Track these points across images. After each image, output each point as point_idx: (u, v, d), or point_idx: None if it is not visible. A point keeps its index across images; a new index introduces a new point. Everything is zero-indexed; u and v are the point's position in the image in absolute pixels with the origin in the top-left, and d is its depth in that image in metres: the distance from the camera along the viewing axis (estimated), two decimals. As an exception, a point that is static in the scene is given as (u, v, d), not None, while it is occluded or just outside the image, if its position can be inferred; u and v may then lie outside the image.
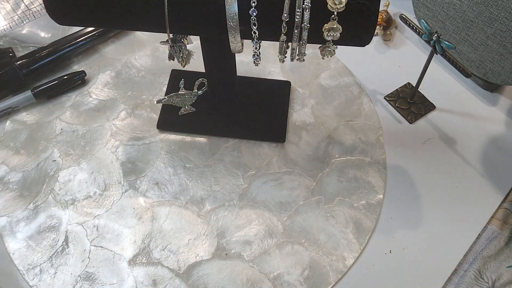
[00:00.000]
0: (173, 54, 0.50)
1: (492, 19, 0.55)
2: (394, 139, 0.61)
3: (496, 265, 0.51)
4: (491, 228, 0.54)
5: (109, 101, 0.65)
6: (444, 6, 0.60)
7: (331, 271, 0.51)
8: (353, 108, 0.64)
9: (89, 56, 0.70)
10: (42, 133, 0.62)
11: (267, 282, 0.51)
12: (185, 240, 0.53)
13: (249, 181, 0.58)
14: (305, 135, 0.61)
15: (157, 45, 0.71)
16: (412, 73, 0.67)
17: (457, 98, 0.65)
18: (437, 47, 0.54)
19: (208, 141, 0.61)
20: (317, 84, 0.66)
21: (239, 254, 0.53)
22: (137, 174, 0.58)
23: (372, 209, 0.55)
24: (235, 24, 0.42)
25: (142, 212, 0.55)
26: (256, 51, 0.46)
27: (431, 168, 0.59)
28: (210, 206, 0.56)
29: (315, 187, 0.57)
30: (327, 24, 0.41)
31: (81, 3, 0.44)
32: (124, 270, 0.52)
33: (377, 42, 0.71)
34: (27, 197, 0.57)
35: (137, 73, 0.68)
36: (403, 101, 0.64)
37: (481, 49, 0.59)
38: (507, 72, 0.58)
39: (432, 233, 0.54)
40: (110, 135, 0.62)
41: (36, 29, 0.71)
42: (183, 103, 0.60)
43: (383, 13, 0.70)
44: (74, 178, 0.58)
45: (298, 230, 0.54)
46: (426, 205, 0.56)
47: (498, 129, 0.62)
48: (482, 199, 0.56)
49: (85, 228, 0.54)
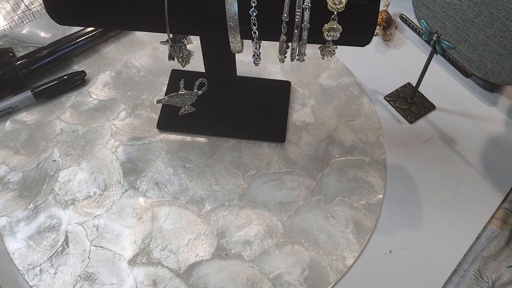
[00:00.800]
0: (173, 54, 0.50)
1: (492, 19, 0.55)
2: (394, 139, 0.61)
3: (496, 265, 0.51)
4: (491, 228, 0.54)
5: (109, 101, 0.65)
6: (444, 6, 0.60)
7: (331, 271, 0.51)
8: (353, 108, 0.64)
9: (89, 56, 0.70)
10: (42, 133, 0.62)
11: (267, 282, 0.51)
12: (185, 240, 0.53)
13: (249, 181, 0.58)
14: (305, 135, 0.61)
15: (157, 45, 0.71)
16: (412, 73, 0.67)
17: (457, 98, 0.65)
18: (437, 47, 0.54)
19: (208, 141, 0.61)
20: (317, 84, 0.66)
21: (239, 254, 0.53)
22: (137, 174, 0.58)
23: (372, 209, 0.55)
24: (235, 24, 0.42)
25: (142, 212, 0.55)
26: (256, 51, 0.46)
27: (431, 168, 0.59)
28: (210, 206, 0.56)
29: (315, 187, 0.57)
30: (327, 24, 0.41)
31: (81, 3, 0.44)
32: (124, 270, 0.52)
33: (377, 42, 0.71)
34: (27, 197, 0.57)
35: (137, 73, 0.68)
36: (403, 101, 0.64)
37: (481, 49, 0.59)
38: (507, 72, 0.58)
39: (432, 233, 0.54)
40: (110, 135, 0.62)
41: (36, 29, 0.71)
42: (183, 103, 0.60)
43: (383, 13, 0.70)
44: (74, 178, 0.58)
45: (298, 230, 0.54)
46: (426, 205, 0.56)
47: (498, 129, 0.62)
48: (482, 199, 0.56)
49: (85, 228, 0.54)
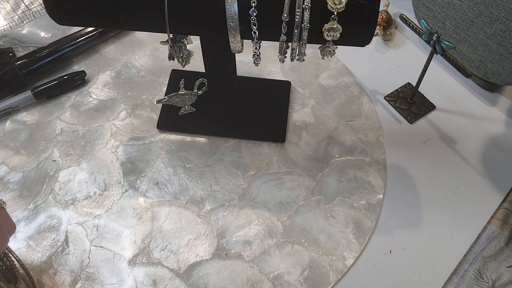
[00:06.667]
0: (173, 54, 0.50)
1: (492, 19, 0.55)
2: (394, 139, 0.61)
3: (496, 265, 0.51)
4: (491, 228, 0.54)
5: (109, 101, 0.65)
6: (444, 6, 0.60)
7: (331, 271, 0.51)
8: (353, 108, 0.64)
9: (89, 56, 0.70)
10: (42, 133, 0.62)
11: (267, 282, 0.51)
12: (185, 240, 0.53)
13: (249, 181, 0.58)
14: (305, 135, 0.61)
15: (157, 45, 0.71)
16: (412, 73, 0.67)
17: (457, 98, 0.65)
18: (437, 47, 0.54)
19: (208, 141, 0.61)
20: (317, 84, 0.66)
21: (239, 254, 0.53)
22: (137, 174, 0.58)
23: (372, 209, 0.55)
24: (235, 24, 0.42)
25: (142, 212, 0.55)
26: (256, 51, 0.46)
27: (431, 168, 0.59)
28: (210, 206, 0.56)
29: (315, 187, 0.57)
30: (327, 24, 0.41)
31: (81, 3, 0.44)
32: (124, 270, 0.52)
33: (377, 42, 0.71)
34: (27, 197, 0.57)
35: (137, 73, 0.68)
36: (403, 101, 0.64)
37: (481, 49, 0.59)
38: (507, 72, 0.58)
39: (432, 233, 0.54)
40: (110, 135, 0.62)
41: (36, 29, 0.71)
42: (183, 103, 0.60)
43: (383, 13, 0.70)
44: (74, 178, 0.58)
45: (298, 230, 0.54)
46: (426, 205, 0.56)
47: (498, 129, 0.62)
48: (482, 199, 0.56)
49: (85, 228, 0.54)
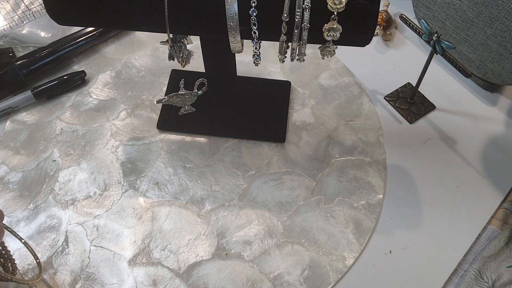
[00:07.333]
0: (173, 54, 0.50)
1: (492, 19, 0.55)
2: (394, 139, 0.61)
3: (496, 265, 0.51)
4: (491, 228, 0.54)
5: (109, 101, 0.65)
6: (444, 6, 0.60)
7: (331, 271, 0.51)
8: (353, 108, 0.64)
9: (89, 56, 0.70)
10: (42, 133, 0.62)
11: (267, 282, 0.51)
12: (185, 240, 0.53)
13: (249, 181, 0.58)
14: (305, 135, 0.61)
15: (157, 45, 0.71)
16: (412, 73, 0.67)
17: (457, 98, 0.65)
18: (437, 47, 0.54)
19: (208, 141, 0.61)
20: (317, 84, 0.66)
21: (239, 254, 0.53)
22: (137, 174, 0.58)
23: (372, 209, 0.55)
24: (235, 24, 0.42)
25: (142, 212, 0.55)
26: (256, 51, 0.46)
27: (431, 168, 0.59)
28: (210, 206, 0.56)
29: (315, 187, 0.57)
30: (327, 24, 0.41)
31: (81, 3, 0.44)
32: (124, 270, 0.52)
33: (377, 42, 0.71)
34: (27, 197, 0.57)
35: (137, 73, 0.68)
36: (403, 101, 0.64)
37: (481, 49, 0.59)
38: (507, 72, 0.58)
39: (432, 233, 0.54)
40: (110, 135, 0.62)
41: (36, 29, 0.71)
42: (183, 103, 0.60)
43: (383, 13, 0.70)
44: (74, 178, 0.58)
45: (298, 230, 0.54)
46: (426, 205, 0.56)
47: (498, 129, 0.62)
48: (482, 199, 0.56)
49: (85, 228, 0.54)
